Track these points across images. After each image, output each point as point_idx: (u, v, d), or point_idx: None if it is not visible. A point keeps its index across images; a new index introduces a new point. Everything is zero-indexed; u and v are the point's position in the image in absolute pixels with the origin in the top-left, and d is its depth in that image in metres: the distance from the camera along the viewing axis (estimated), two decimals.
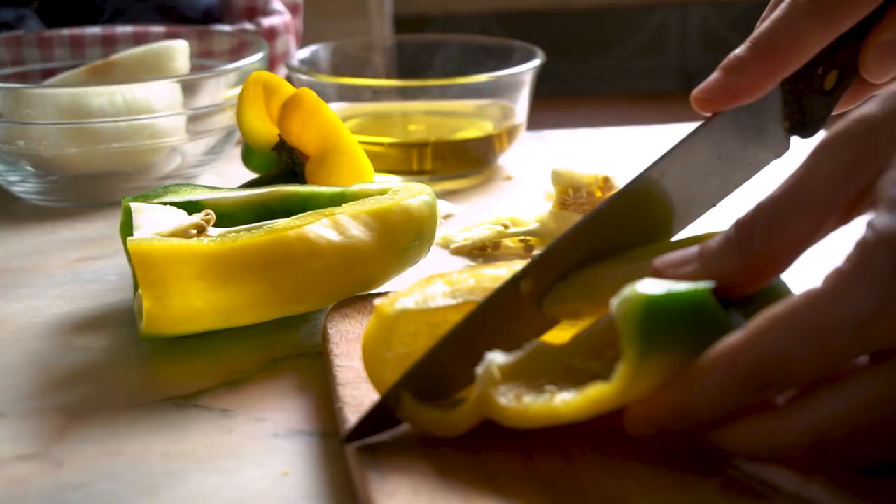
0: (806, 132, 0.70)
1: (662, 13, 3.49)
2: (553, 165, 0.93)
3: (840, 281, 0.52)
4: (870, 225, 0.52)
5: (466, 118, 1.12)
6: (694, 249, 0.60)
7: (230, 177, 1.09)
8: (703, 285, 0.57)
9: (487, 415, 0.58)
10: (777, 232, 0.57)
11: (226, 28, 1.20)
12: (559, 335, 0.64)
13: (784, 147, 0.71)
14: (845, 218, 0.56)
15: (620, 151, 1.17)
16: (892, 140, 0.54)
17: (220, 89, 1.04)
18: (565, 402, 0.56)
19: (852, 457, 0.55)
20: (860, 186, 0.55)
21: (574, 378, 0.59)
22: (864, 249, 0.52)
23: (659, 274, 0.60)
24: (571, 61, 3.51)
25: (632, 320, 0.55)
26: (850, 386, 0.52)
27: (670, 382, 0.56)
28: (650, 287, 0.56)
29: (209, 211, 0.75)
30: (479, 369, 0.58)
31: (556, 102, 3.26)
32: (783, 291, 0.60)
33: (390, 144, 1.08)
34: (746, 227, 0.58)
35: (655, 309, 0.55)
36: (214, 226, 0.75)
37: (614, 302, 0.56)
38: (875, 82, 0.70)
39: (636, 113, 3.30)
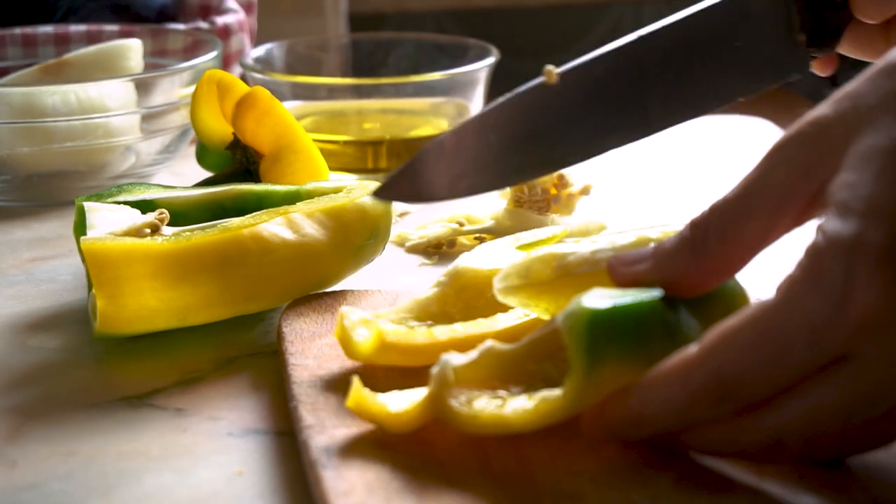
0: (822, 47, 0.70)
1: (617, 10, 3.50)
2: None
3: (792, 290, 0.52)
4: (820, 230, 0.52)
5: (421, 116, 1.12)
6: (649, 248, 0.60)
7: (185, 176, 1.09)
8: (649, 296, 0.57)
9: (438, 416, 0.58)
10: (731, 233, 0.57)
11: (180, 27, 1.19)
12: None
13: (804, 64, 0.70)
14: (799, 219, 0.56)
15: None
16: (843, 142, 0.54)
17: (174, 88, 1.04)
18: (515, 411, 0.56)
19: (809, 453, 0.55)
20: (813, 188, 0.55)
21: (528, 380, 0.59)
22: (814, 255, 0.52)
23: (613, 272, 0.60)
24: (528, 59, 3.51)
25: (577, 334, 0.55)
26: (806, 391, 0.53)
27: (623, 391, 0.56)
28: (595, 300, 0.56)
29: (163, 210, 0.75)
30: (434, 369, 0.58)
31: None
32: (737, 292, 0.61)
33: (345, 143, 1.08)
34: (701, 227, 0.58)
35: (601, 322, 0.55)
36: (168, 225, 0.75)
37: (560, 316, 0.56)
38: (866, 21, 0.69)
39: None
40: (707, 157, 1.13)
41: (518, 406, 0.57)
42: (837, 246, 0.51)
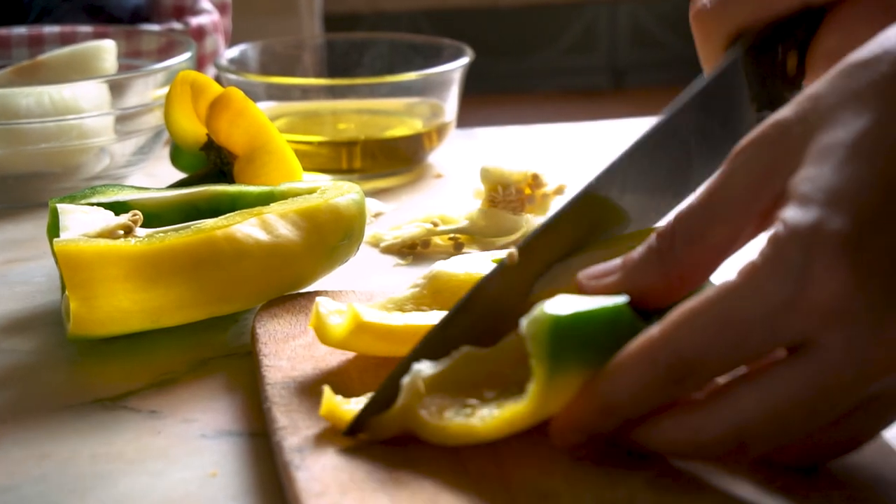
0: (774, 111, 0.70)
1: (592, 10, 3.51)
2: (482, 163, 0.93)
3: (752, 274, 0.53)
4: (781, 219, 0.53)
5: (396, 116, 1.12)
6: (617, 261, 0.60)
7: (159, 177, 1.09)
8: (613, 302, 0.57)
9: (409, 426, 0.58)
10: (697, 240, 0.57)
11: (154, 28, 1.19)
12: None
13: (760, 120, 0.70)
14: (764, 224, 0.56)
15: (550, 149, 1.17)
16: (804, 140, 0.55)
17: (148, 89, 1.03)
18: (483, 420, 0.57)
19: (774, 453, 0.55)
20: (776, 189, 0.55)
21: (503, 385, 0.59)
22: (775, 243, 0.53)
23: (581, 286, 0.61)
24: (502, 59, 3.52)
25: (539, 341, 0.55)
26: (765, 380, 0.53)
27: (588, 385, 0.56)
28: (557, 307, 0.56)
29: (136, 211, 0.75)
30: (405, 380, 0.59)
31: (487, 100, 3.26)
32: None
33: (320, 143, 1.08)
34: (667, 235, 0.58)
35: (563, 329, 0.55)
36: (142, 226, 0.75)
37: (523, 322, 0.56)
38: None
39: (566, 110, 3.31)
40: None
41: (486, 415, 0.57)
42: (797, 233, 0.52)
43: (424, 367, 0.59)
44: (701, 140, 0.67)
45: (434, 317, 0.67)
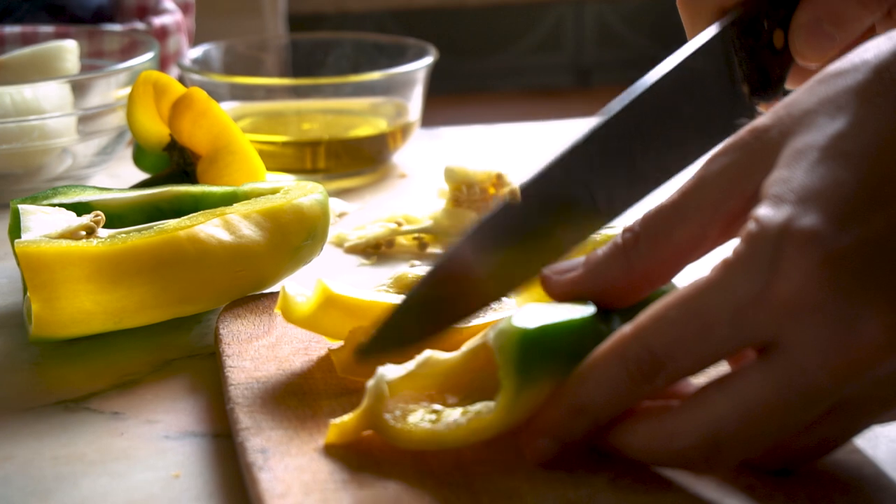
0: (766, 94, 0.70)
1: (558, 10, 3.51)
2: (447, 163, 0.93)
3: (724, 269, 0.53)
4: (753, 217, 0.53)
5: (360, 116, 1.12)
6: (581, 258, 0.60)
7: (122, 178, 1.08)
8: (581, 314, 0.57)
9: (373, 429, 0.58)
10: (663, 238, 0.57)
11: (116, 28, 1.18)
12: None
13: (752, 112, 0.69)
14: (732, 227, 0.57)
15: (515, 148, 1.17)
16: (778, 144, 0.55)
17: (110, 89, 1.03)
18: (449, 427, 0.56)
19: (747, 457, 0.55)
20: (747, 192, 0.55)
21: (466, 390, 0.59)
22: (748, 240, 0.53)
23: (545, 281, 0.60)
24: (469, 58, 3.52)
25: (507, 354, 0.55)
26: (735, 382, 0.53)
27: (559, 388, 0.56)
28: (525, 319, 0.56)
29: (98, 212, 0.75)
30: (369, 383, 0.58)
31: (453, 100, 3.26)
32: None
33: (284, 143, 1.08)
34: (632, 232, 0.58)
35: (530, 342, 0.55)
36: (105, 227, 0.75)
37: (490, 333, 0.56)
38: (806, 65, 0.69)
39: (532, 109, 3.31)
40: None
41: (451, 421, 0.57)
42: (769, 229, 0.52)
43: (388, 371, 0.59)
44: (677, 119, 0.66)
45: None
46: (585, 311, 0.58)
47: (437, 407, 0.58)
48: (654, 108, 0.64)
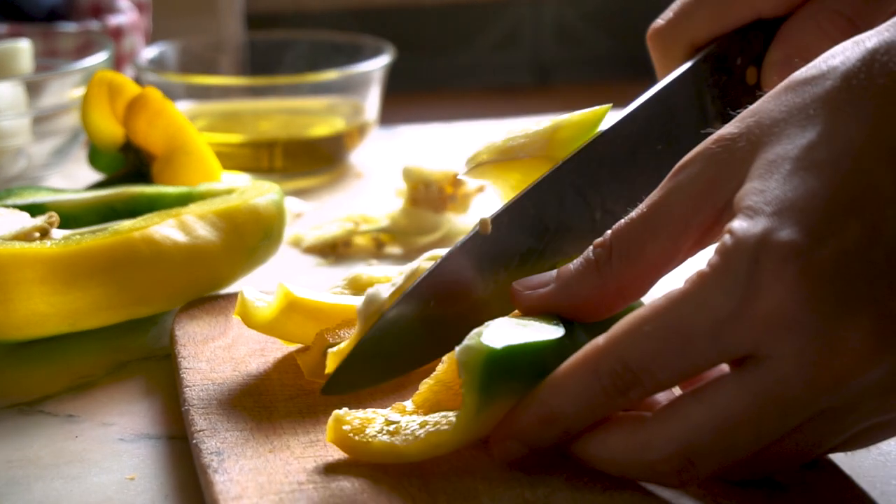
0: None
1: (516, 8, 3.52)
2: (405, 162, 0.93)
3: (700, 283, 0.52)
4: (728, 231, 0.52)
5: (317, 116, 1.12)
6: (552, 272, 0.60)
7: (77, 178, 1.08)
8: (548, 336, 0.57)
9: (332, 440, 0.58)
10: (635, 252, 0.57)
11: (71, 27, 1.18)
12: None
13: None
14: (703, 240, 0.56)
15: (473, 146, 1.17)
16: (749, 155, 0.54)
17: (65, 89, 1.02)
18: (406, 440, 0.56)
19: (722, 469, 0.54)
20: (718, 204, 0.55)
21: (433, 400, 0.59)
22: (723, 253, 0.52)
23: (516, 296, 0.60)
24: (428, 57, 3.52)
25: (472, 372, 0.55)
26: (711, 393, 0.52)
27: (532, 392, 0.56)
28: (493, 337, 0.56)
29: (52, 213, 0.74)
30: (362, 300, 0.58)
31: (413, 98, 3.26)
32: None
33: (240, 143, 1.07)
34: (604, 248, 0.58)
35: (496, 362, 0.55)
36: (59, 228, 0.74)
37: (458, 349, 0.56)
38: None
39: (490, 107, 3.32)
40: None
41: (409, 433, 0.56)
42: (745, 243, 0.51)
43: (382, 290, 0.58)
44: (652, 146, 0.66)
45: None
46: (555, 332, 0.57)
47: (396, 417, 0.58)
48: (626, 144, 0.65)
